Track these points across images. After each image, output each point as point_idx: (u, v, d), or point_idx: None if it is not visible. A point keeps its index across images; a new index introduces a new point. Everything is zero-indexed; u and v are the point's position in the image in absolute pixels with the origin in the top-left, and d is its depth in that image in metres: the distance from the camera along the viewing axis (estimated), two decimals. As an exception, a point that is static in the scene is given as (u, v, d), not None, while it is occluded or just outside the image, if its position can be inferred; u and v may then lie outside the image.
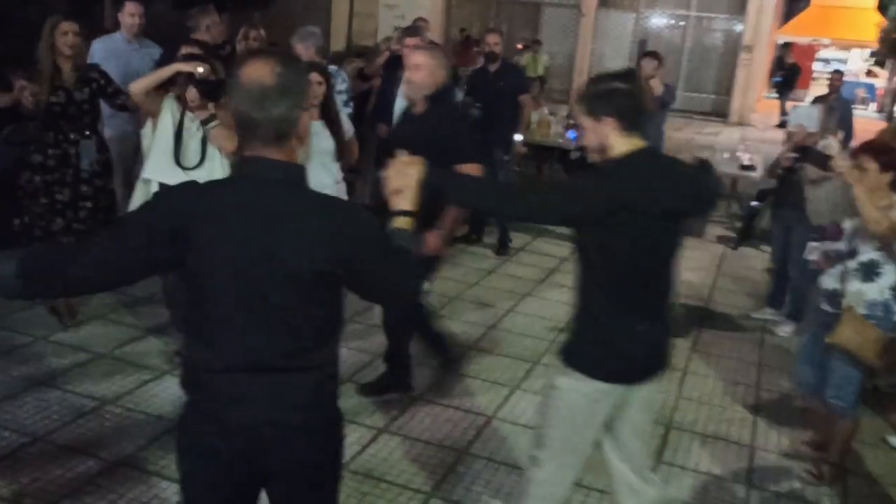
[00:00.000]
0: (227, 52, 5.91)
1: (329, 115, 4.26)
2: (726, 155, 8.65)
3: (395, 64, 6.17)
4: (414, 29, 5.97)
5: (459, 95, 6.96)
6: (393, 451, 3.81)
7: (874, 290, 3.58)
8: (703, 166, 2.76)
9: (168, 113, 4.01)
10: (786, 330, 5.76)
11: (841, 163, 3.64)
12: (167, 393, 4.09)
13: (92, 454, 3.54)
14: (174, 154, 3.99)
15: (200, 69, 3.86)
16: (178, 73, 3.93)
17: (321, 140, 4.20)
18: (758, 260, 7.66)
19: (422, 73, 3.84)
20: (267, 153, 1.89)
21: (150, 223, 1.88)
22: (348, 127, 4.60)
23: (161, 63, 5.50)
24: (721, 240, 8.28)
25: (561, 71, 19.64)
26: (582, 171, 8.49)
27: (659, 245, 2.53)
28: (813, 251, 3.92)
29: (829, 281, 3.75)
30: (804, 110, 5.69)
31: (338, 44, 13.52)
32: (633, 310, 2.54)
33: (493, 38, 6.89)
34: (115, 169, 4.97)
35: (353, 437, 3.87)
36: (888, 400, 4.81)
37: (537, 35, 18.70)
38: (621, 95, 2.48)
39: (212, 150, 4.04)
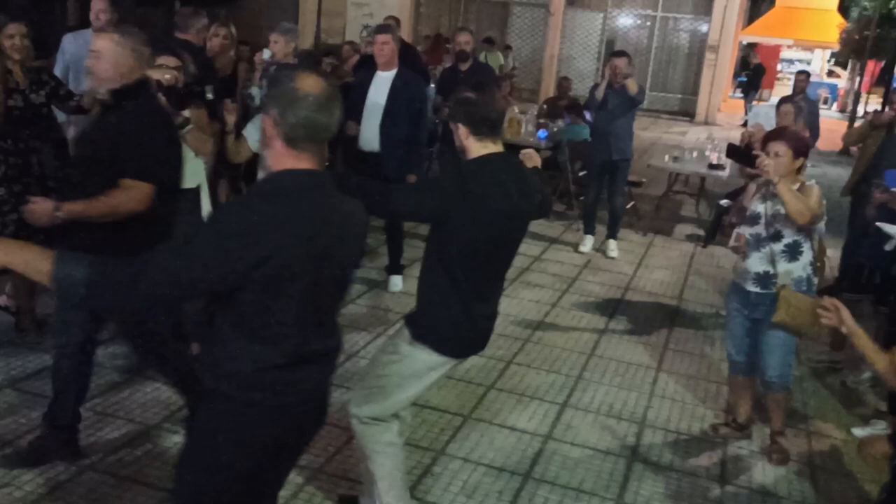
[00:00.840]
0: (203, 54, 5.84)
1: None
2: (695, 154, 8.72)
3: (367, 63, 6.13)
4: (385, 27, 5.94)
5: (431, 94, 6.95)
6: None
7: (799, 268, 3.91)
8: (541, 177, 3.33)
9: None
10: None
11: (767, 161, 3.78)
12: (137, 395, 4.02)
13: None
14: None
15: (167, 76, 3.79)
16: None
17: None
18: (727, 258, 7.74)
19: (102, 62, 3.11)
20: (312, 161, 2.07)
21: (239, 254, 1.92)
22: None
23: None
24: (690, 238, 8.36)
25: (530, 70, 19.72)
26: (552, 169, 8.58)
27: (500, 237, 2.90)
28: (735, 236, 4.12)
29: (757, 264, 3.95)
30: (763, 110, 5.80)
31: (306, 42, 13.41)
32: (474, 294, 2.92)
33: (463, 38, 6.88)
34: None
35: (326, 439, 3.83)
36: (854, 395, 4.89)
37: (506, 34, 18.76)
38: (470, 106, 2.86)
39: (187, 153, 4.02)
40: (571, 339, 5.41)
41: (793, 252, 3.89)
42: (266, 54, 5.83)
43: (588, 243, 7.51)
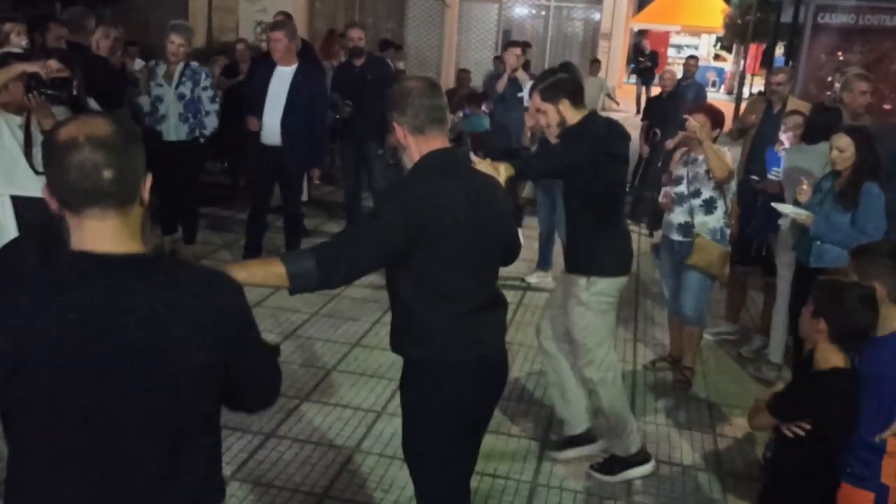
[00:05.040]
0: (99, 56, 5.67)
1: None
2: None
3: (262, 61, 6.05)
4: (278, 23, 5.87)
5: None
6: (282, 456, 3.73)
7: (713, 220, 4.52)
8: None
9: (1, 121, 3.72)
10: (542, 277, 6.37)
11: (694, 125, 4.40)
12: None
13: None
14: (27, 157, 3.73)
15: (44, 70, 3.60)
16: (22, 74, 3.64)
17: None
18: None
19: None
20: (442, 141, 2.41)
21: (415, 220, 2.26)
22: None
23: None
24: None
25: (429, 63, 19.75)
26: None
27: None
28: (662, 193, 4.80)
29: (680, 216, 4.63)
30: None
31: (198, 40, 13.03)
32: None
33: (356, 33, 6.81)
34: None
35: (239, 445, 3.76)
36: (749, 364, 5.13)
37: (403, 27, 18.70)
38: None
39: None
40: (481, 327, 5.46)
41: (709, 206, 4.52)
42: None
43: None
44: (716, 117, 4.57)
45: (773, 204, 4.44)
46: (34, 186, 3.74)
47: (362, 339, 5.07)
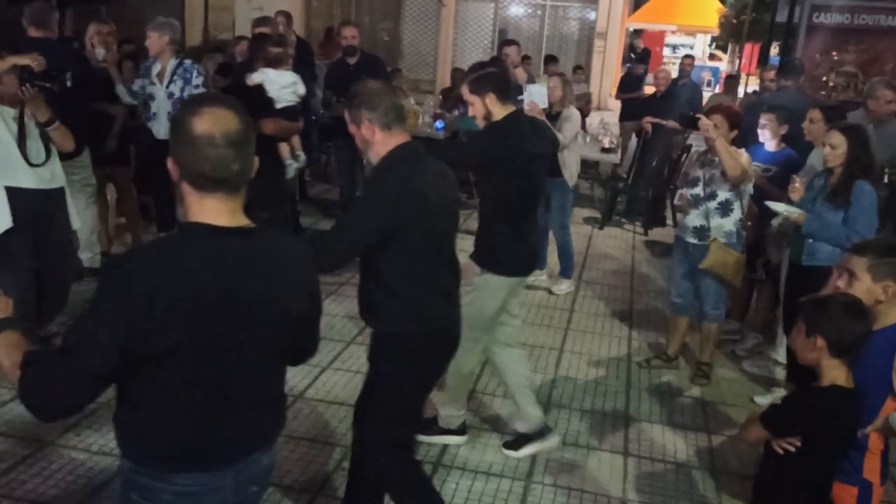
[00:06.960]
0: (77, 48, 5.65)
1: None
2: (588, 138, 8.92)
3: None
4: (264, 20, 5.86)
5: (319, 92, 6.88)
6: (277, 453, 3.72)
7: (729, 223, 4.51)
8: None
9: None
10: (562, 288, 6.30)
11: (706, 123, 4.33)
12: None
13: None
14: (21, 150, 3.76)
15: (35, 63, 3.63)
16: (14, 67, 3.67)
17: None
18: (622, 239, 7.99)
19: None
20: (406, 137, 2.66)
21: (390, 210, 2.55)
22: None
23: None
24: (588, 221, 8.57)
25: (425, 61, 19.75)
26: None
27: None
28: (678, 196, 4.81)
29: (695, 219, 4.59)
30: (535, 88, 6.09)
31: (194, 38, 13.00)
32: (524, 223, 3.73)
33: (349, 32, 6.81)
34: None
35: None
36: (746, 363, 5.14)
37: (399, 26, 18.67)
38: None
39: (53, 149, 3.90)
40: (476, 325, 5.46)
41: (724, 209, 4.49)
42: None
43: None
44: (733, 118, 4.51)
45: (766, 202, 4.45)
46: (28, 178, 3.81)
47: (357, 337, 5.07)
